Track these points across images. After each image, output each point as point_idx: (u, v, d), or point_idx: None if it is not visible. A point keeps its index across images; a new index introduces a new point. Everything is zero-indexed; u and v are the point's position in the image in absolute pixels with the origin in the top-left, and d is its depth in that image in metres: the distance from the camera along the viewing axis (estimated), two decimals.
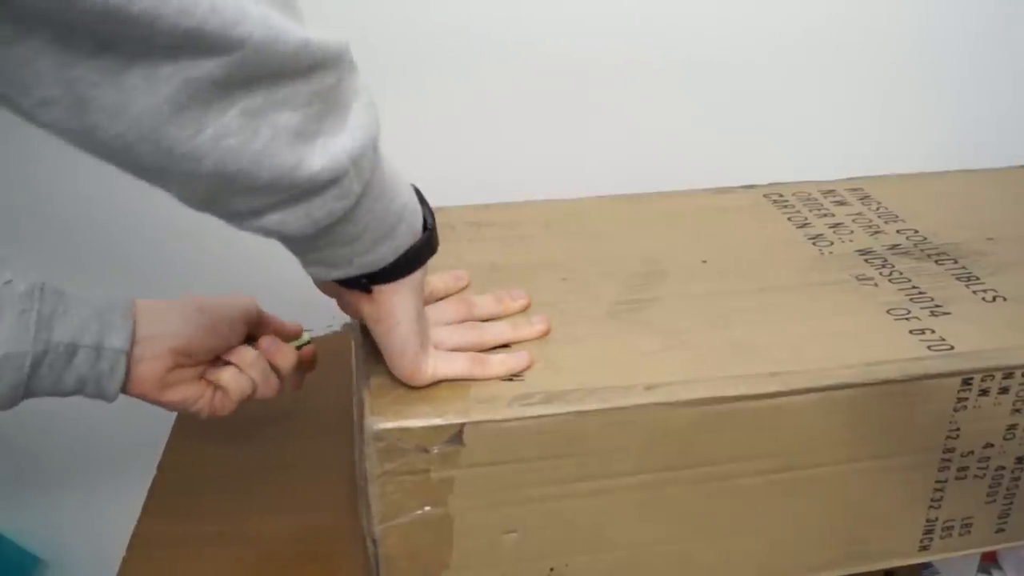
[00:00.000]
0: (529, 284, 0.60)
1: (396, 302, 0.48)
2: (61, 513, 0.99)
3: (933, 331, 0.56)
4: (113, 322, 0.52)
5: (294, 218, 0.40)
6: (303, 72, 0.36)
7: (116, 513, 0.65)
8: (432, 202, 0.50)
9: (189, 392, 0.56)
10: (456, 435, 0.48)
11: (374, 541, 0.51)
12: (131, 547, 0.59)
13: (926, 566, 0.71)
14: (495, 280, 0.61)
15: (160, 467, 0.68)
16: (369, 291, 0.47)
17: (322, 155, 0.38)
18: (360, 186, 0.41)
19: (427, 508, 0.50)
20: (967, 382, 0.53)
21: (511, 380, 0.51)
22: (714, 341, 0.55)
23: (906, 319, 0.57)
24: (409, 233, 0.46)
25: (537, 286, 0.60)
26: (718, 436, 0.51)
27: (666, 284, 0.61)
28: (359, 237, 0.44)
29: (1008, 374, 0.54)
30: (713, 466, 0.52)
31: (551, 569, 0.53)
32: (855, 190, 0.74)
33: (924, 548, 0.58)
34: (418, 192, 0.49)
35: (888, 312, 0.58)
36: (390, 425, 0.48)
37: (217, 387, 0.57)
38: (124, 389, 0.53)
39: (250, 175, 0.37)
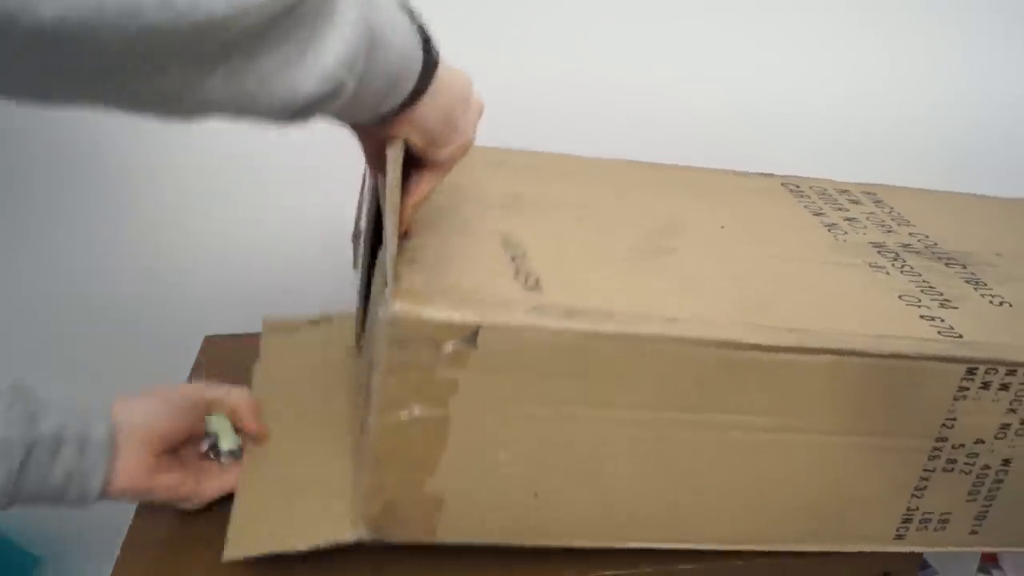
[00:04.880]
0: (545, 217, 0.59)
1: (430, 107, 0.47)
2: (61, 513, 0.95)
3: (943, 320, 0.56)
4: (93, 418, 0.53)
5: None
6: (282, 13, 0.35)
7: (115, 513, 0.63)
8: None
9: (175, 477, 0.57)
10: (471, 335, 0.47)
11: (368, 433, 0.50)
12: (124, 548, 0.57)
13: (924, 566, 0.71)
14: (521, 213, 0.60)
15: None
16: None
17: (313, 75, 0.37)
18: (355, 81, 0.40)
19: (427, 408, 0.49)
20: (972, 371, 0.54)
21: (530, 290, 0.50)
22: (732, 292, 0.55)
23: (916, 306, 0.57)
24: (412, 75, 0.45)
25: (557, 223, 0.60)
26: (727, 383, 0.51)
27: (684, 238, 0.61)
28: (369, 97, 0.43)
29: (1011, 371, 0.54)
30: (714, 414, 0.52)
31: (535, 495, 0.53)
32: (869, 193, 0.75)
33: (899, 537, 0.59)
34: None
35: (899, 298, 0.58)
36: (406, 312, 0.47)
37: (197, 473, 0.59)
38: (110, 484, 0.54)
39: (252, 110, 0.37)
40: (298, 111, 0.39)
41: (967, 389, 0.54)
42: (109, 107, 0.35)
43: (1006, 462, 0.57)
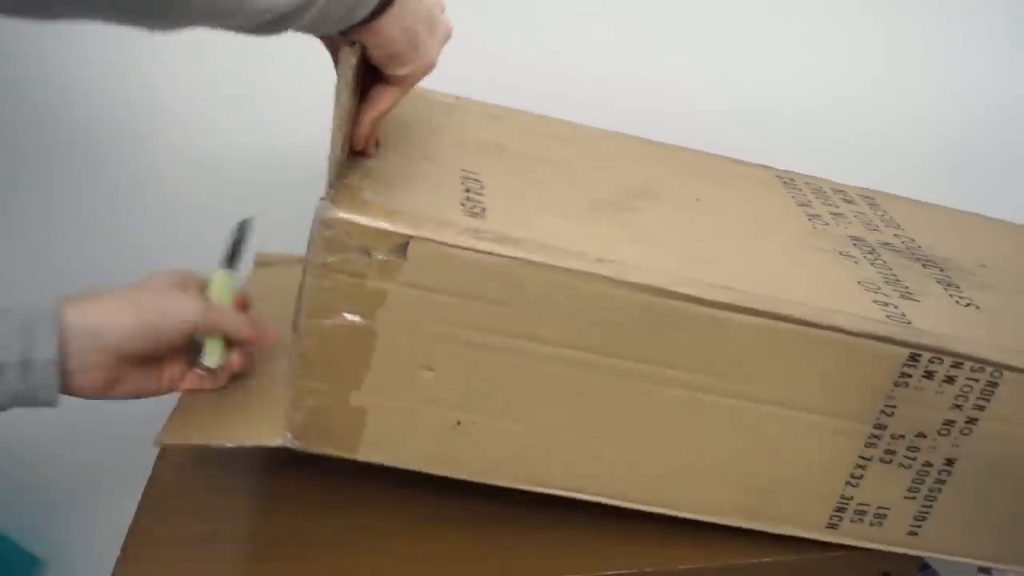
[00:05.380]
0: (523, 169, 0.60)
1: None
2: (61, 513, 0.99)
3: (896, 307, 0.55)
4: (38, 333, 0.49)
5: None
6: None
7: (115, 513, 0.64)
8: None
9: (138, 385, 0.54)
10: (401, 246, 0.49)
11: (298, 337, 0.51)
12: (125, 547, 0.58)
13: (924, 566, 0.69)
14: (496, 158, 0.61)
15: (156, 467, 0.67)
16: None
17: None
18: None
19: (355, 316, 0.50)
20: (914, 357, 0.53)
21: (472, 217, 0.51)
22: (683, 250, 0.55)
23: (874, 292, 0.57)
24: None
25: (530, 172, 0.61)
26: (654, 333, 0.51)
27: (655, 203, 0.61)
28: (337, 9, 0.45)
29: (957, 363, 0.53)
30: (639, 363, 0.52)
31: (457, 422, 0.53)
32: (866, 196, 0.74)
33: (832, 526, 0.57)
34: None
35: (859, 283, 0.57)
36: (341, 215, 0.48)
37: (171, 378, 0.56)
38: (69, 392, 0.51)
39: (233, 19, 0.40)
40: (274, 21, 0.42)
41: (909, 376, 0.53)
42: (102, 13, 0.38)
43: (949, 462, 0.56)
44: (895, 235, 0.67)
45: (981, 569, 0.66)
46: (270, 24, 0.43)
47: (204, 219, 0.79)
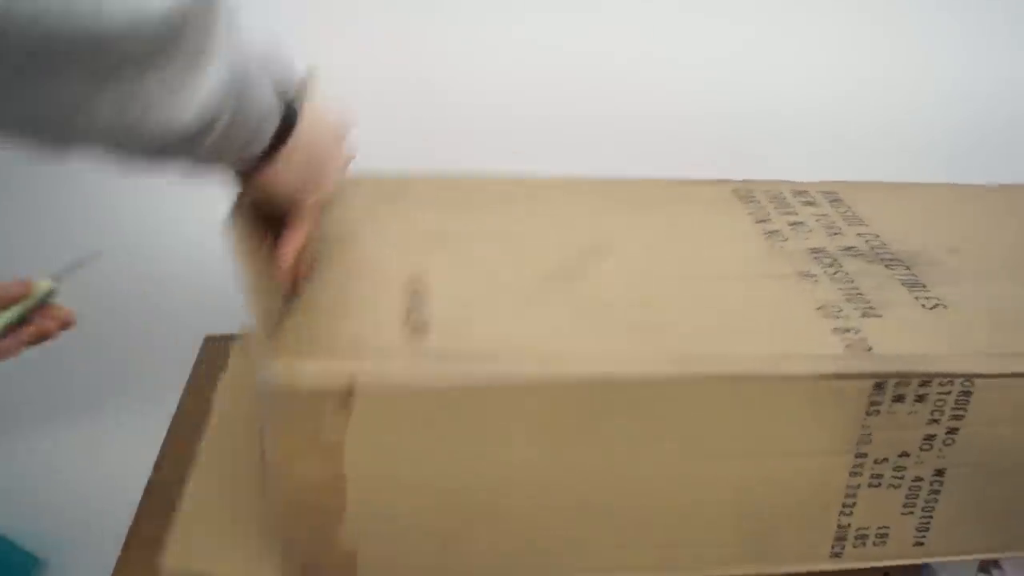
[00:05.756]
0: (468, 255, 0.61)
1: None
2: (61, 513, 1.00)
3: (858, 331, 0.55)
4: None
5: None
6: (169, 40, 0.37)
7: (116, 513, 0.66)
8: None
9: None
10: (346, 389, 0.49)
11: (270, 493, 0.52)
12: (126, 547, 0.60)
13: (925, 566, 0.69)
14: (440, 249, 0.61)
15: (156, 467, 0.69)
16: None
17: (192, 105, 0.40)
18: (229, 115, 0.42)
19: (320, 464, 0.50)
20: (879, 386, 0.52)
21: (415, 338, 0.52)
22: (632, 318, 0.55)
23: (835, 317, 0.56)
24: (275, 120, 0.48)
25: (475, 255, 0.61)
26: (612, 414, 0.51)
27: (605, 260, 0.61)
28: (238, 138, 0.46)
29: (925, 382, 0.52)
30: (610, 447, 0.52)
31: (443, 540, 0.54)
32: (828, 193, 0.72)
33: (836, 555, 0.57)
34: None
35: (818, 309, 0.57)
36: (282, 374, 0.48)
37: None
38: None
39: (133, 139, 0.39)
40: (173, 143, 0.41)
41: (879, 403, 0.53)
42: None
43: (939, 472, 0.55)
44: (859, 234, 0.66)
45: (981, 568, 0.65)
46: (170, 146, 0.42)
47: (203, 219, 0.81)
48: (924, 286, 0.60)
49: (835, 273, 0.61)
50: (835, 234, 0.66)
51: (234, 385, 0.72)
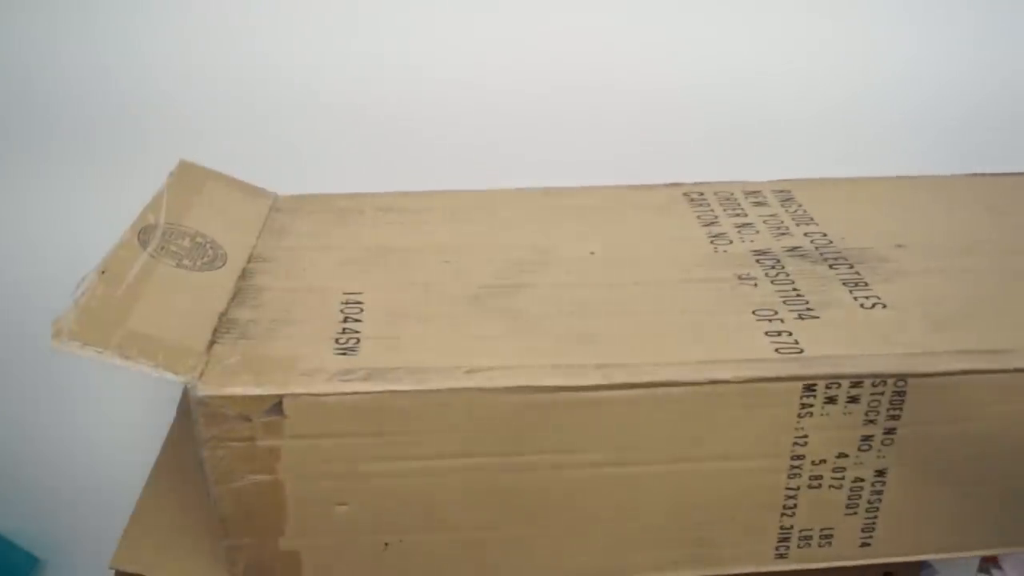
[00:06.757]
0: (407, 272, 0.61)
1: None
2: (61, 513, 1.01)
3: (791, 333, 0.55)
4: None
5: None
6: None
7: (116, 513, 0.66)
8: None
9: None
10: (276, 406, 0.50)
11: (211, 501, 0.53)
12: (125, 534, 0.60)
13: (925, 566, 0.69)
14: (380, 266, 0.62)
15: (156, 466, 0.69)
16: None
17: None
18: None
19: (258, 475, 0.52)
20: (810, 388, 0.52)
21: (344, 354, 0.52)
22: (560, 330, 0.55)
23: (769, 320, 0.56)
24: None
25: (417, 267, 0.61)
26: (542, 426, 0.52)
27: (543, 272, 0.61)
28: None
29: (856, 383, 0.52)
30: (540, 455, 0.53)
31: (386, 544, 0.55)
32: (780, 192, 0.72)
33: (781, 556, 0.57)
34: None
35: (754, 312, 0.57)
36: (211, 393, 0.50)
37: None
38: None
39: None
40: None
41: (811, 406, 0.52)
42: None
43: (880, 472, 0.55)
44: (806, 234, 0.66)
45: (981, 568, 0.65)
46: None
47: None
48: (866, 284, 0.60)
49: (777, 275, 0.61)
50: (782, 235, 0.66)
51: None
